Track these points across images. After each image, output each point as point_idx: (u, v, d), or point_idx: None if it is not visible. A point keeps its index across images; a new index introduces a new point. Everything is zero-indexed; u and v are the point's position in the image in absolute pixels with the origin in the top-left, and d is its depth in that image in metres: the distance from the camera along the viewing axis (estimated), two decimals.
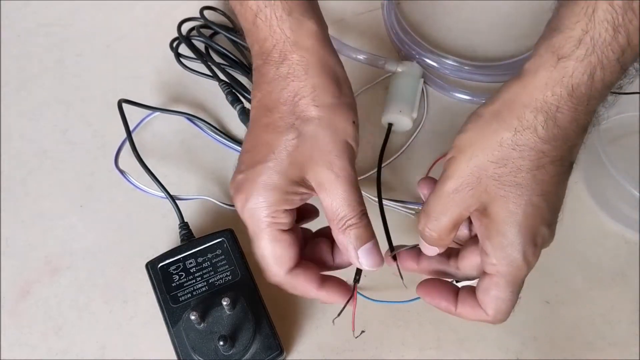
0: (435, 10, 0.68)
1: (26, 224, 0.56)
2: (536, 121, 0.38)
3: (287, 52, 0.41)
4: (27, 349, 0.51)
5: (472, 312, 0.43)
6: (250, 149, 0.42)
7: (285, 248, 0.41)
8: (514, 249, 0.39)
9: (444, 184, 0.41)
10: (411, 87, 0.60)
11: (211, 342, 0.46)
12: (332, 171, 0.40)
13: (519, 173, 0.39)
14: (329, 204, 0.41)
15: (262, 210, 0.41)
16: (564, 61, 0.37)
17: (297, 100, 0.40)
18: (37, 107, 0.62)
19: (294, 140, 0.40)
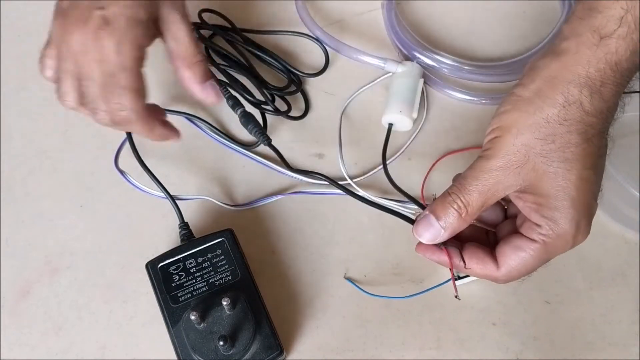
0: (435, 10, 0.68)
1: (26, 224, 0.56)
2: (582, 95, 0.39)
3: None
4: (27, 349, 0.51)
5: (479, 266, 0.44)
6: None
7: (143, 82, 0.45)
8: (568, 223, 0.40)
9: (488, 160, 0.41)
10: (411, 87, 0.59)
11: (211, 342, 0.46)
12: (177, 12, 0.45)
13: (567, 148, 0.39)
14: (174, 42, 0.46)
15: (131, 42, 0.43)
16: (607, 39, 0.38)
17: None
18: (37, 107, 0.62)
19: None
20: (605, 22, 0.39)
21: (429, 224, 0.44)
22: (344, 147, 0.58)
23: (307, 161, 0.59)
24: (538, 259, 0.43)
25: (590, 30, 0.39)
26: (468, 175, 0.42)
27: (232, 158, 0.59)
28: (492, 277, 0.44)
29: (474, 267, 0.44)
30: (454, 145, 0.59)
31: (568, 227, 0.41)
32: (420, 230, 0.44)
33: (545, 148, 0.40)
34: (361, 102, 0.62)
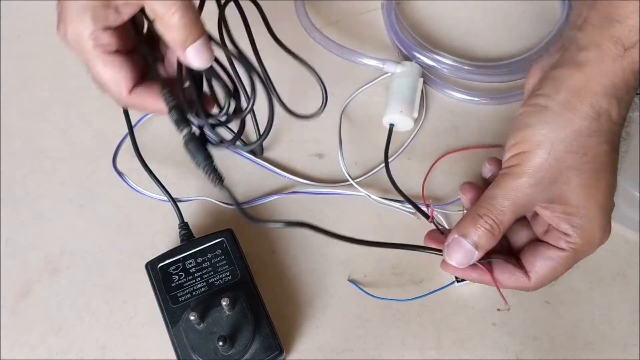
0: (435, 10, 0.68)
1: (26, 224, 0.56)
2: (610, 105, 0.39)
3: None
4: (27, 349, 0.51)
5: (510, 278, 0.44)
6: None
7: (119, 69, 0.41)
8: (597, 228, 0.41)
9: (518, 178, 0.41)
10: (411, 88, 0.59)
11: (211, 342, 0.46)
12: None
13: (598, 159, 0.40)
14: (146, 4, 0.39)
15: (82, 34, 0.40)
16: (630, 50, 0.39)
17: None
18: (37, 107, 0.62)
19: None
20: (627, 33, 0.39)
21: (461, 247, 0.43)
22: (344, 147, 0.58)
23: (307, 161, 0.59)
24: (566, 266, 0.43)
25: (611, 41, 0.39)
26: (498, 194, 0.41)
27: (231, 158, 0.59)
28: (524, 287, 0.44)
29: (507, 281, 0.44)
30: (453, 145, 0.59)
31: (597, 233, 0.41)
32: (452, 254, 0.43)
33: (577, 161, 0.40)
34: (361, 102, 0.62)
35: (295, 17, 0.65)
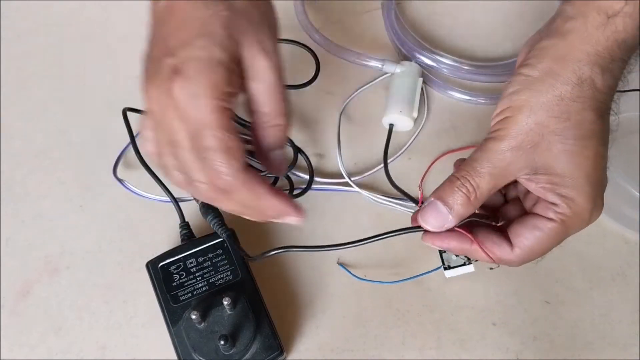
0: (435, 10, 0.68)
1: (26, 224, 0.56)
2: (593, 73, 0.39)
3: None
4: (27, 349, 0.51)
5: (493, 247, 0.43)
6: (174, 31, 0.37)
7: (237, 139, 0.36)
8: (586, 200, 0.40)
9: (500, 141, 0.40)
10: (411, 88, 0.60)
11: (211, 341, 0.46)
12: (265, 56, 0.37)
13: (583, 125, 0.39)
14: (256, 94, 0.38)
15: (209, 91, 0.35)
16: (614, 18, 0.38)
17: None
18: (37, 107, 0.62)
19: (225, 12, 0.37)
20: (611, 2, 0.38)
21: (436, 210, 0.42)
22: (344, 147, 0.58)
23: None
24: (555, 239, 0.41)
25: (596, 10, 0.39)
26: (478, 157, 0.41)
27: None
28: (506, 259, 0.43)
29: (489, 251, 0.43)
30: (453, 145, 0.59)
31: (586, 204, 0.40)
32: (426, 216, 0.42)
33: (559, 126, 0.39)
34: (360, 101, 0.62)
35: (295, 18, 0.65)
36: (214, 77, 0.35)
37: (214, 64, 0.35)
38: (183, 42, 0.36)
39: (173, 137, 0.37)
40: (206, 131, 0.36)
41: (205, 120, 0.35)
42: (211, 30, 0.36)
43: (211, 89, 0.35)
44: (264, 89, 0.38)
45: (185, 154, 0.37)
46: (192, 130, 0.36)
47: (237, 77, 0.37)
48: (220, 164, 0.36)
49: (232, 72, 0.36)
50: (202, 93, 0.35)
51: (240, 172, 0.37)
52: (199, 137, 0.36)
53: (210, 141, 0.36)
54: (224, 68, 0.36)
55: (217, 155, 0.36)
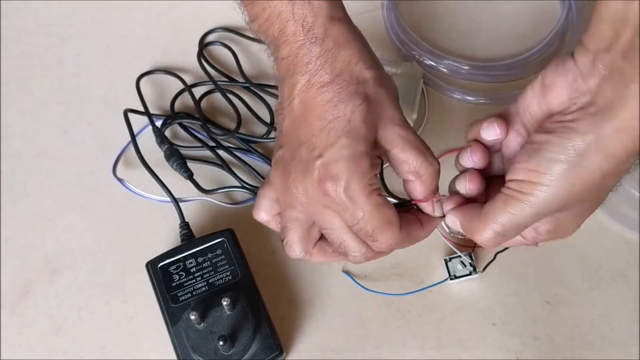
0: (435, 10, 0.68)
1: (26, 224, 0.56)
2: None
3: (328, 25, 0.41)
4: (27, 349, 0.51)
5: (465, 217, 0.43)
6: (318, 132, 0.40)
7: (390, 208, 0.41)
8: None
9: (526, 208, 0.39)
10: (411, 88, 0.59)
11: (211, 342, 0.46)
12: (398, 125, 0.41)
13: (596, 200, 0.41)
14: (402, 157, 0.41)
15: (361, 182, 0.39)
16: None
17: (352, 68, 0.41)
18: (37, 107, 0.62)
19: (363, 105, 0.40)
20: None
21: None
22: None
23: None
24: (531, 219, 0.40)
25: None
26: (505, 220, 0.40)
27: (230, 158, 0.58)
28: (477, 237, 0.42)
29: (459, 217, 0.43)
30: (453, 145, 0.59)
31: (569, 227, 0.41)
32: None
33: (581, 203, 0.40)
34: None
35: None
36: (361, 169, 0.39)
37: (358, 158, 0.39)
38: (329, 143, 0.39)
39: (321, 221, 0.41)
40: (366, 214, 0.40)
41: (362, 206, 0.39)
42: (353, 127, 0.39)
43: (360, 180, 0.39)
44: (405, 150, 0.41)
45: (339, 234, 0.41)
46: (349, 218, 0.40)
47: (377, 157, 0.41)
48: (385, 237, 0.41)
49: (374, 156, 0.40)
50: (355, 187, 0.39)
51: (400, 233, 0.41)
52: (357, 221, 0.40)
53: (372, 223, 0.40)
54: (367, 157, 0.39)
55: (380, 230, 0.40)
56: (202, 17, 0.66)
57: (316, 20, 0.41)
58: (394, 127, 0.41)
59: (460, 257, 0.52)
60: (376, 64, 0.42)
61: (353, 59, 0.41)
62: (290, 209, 0.42)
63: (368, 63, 0.41)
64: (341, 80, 0.40)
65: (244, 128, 0.60)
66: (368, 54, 0.42)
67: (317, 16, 0.41)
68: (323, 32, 0.41)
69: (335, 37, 0.41)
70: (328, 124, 0.40)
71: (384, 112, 0.41)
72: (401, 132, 0.41)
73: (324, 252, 0.44)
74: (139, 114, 0.59)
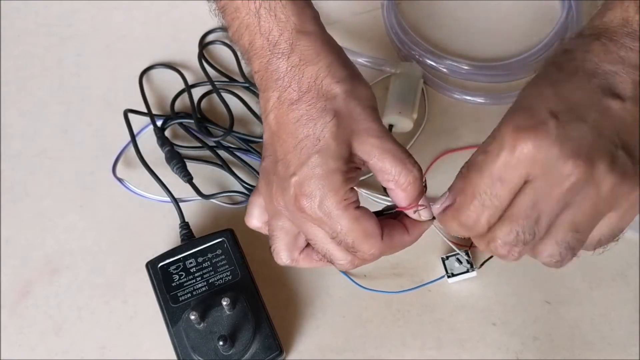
0: (435, 10, 0.68)
1: (26, 224, 0.56)
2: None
3: (294, 39, 0.41)
4: (27, 349, 0.51)
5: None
6: (292, 149, 0.41)
7: (369, 220, 0.41)
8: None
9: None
10: (411, 88, 0.59)
11: (211, 342, 0.46)
12: (374, 137, 0.41)
13: None
14: (380, 167, 0.41)
15: (334, 198, 0.40)
16: None
17: (319, 83, 0.41)
18: (37, 107, 0.62)
19: (333, 121, 0.40)
20: None
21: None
22: None
23: None
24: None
25: None
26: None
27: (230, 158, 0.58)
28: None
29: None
30: (453, 145, 0.59)
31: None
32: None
33: None
34: None
35: None
36: (334, 186, 0.39)
37: (330, 175, 0.39)
38: (301, 162, 0.40)
39: (329, 232, 0.41)
40: (344, 228, 0.40)
41: (338, 221, 0.40)
42: (323, 145, 0.40)
43: (334, 196, 0.39)
44: (383, 160, 0.41)
45: (326, 246, 0.42)
46: (329, 231, 0.41)
47: (353, 170, 0.41)
48: (367, 248, 0.41)
49: (348, 170, 0.40)
50: (329, 204, 0.39)
51: (382, 243, 0.41)
52: (337, 237, 0.40)
53: (351, 236, 0.40)
54: (339, 173, 0.40)
55: (360, 242, 0.40)
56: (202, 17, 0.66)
57: (282, 35, 0.41)
58: (368, 138, 0.40)
59: (457, 255, 0.52)
60: (348, 75, 0.41)
61: (321, 74, 0.41)
62: (276, 218, 0.43)
63: (337, 76, 0.41)
64: (309, 97, 0.40)
65: (244, 128, 0.60)
66: (339, 67, 0.41)
67: (284, 30, 0.41)
68: (289, 47, 0.41)
69: (301, 52, 0.41)
70: (299, 143, 0.40)
71: (357, 125, 0.40)
72: (377, 142, 0.40)
73: (310, 259, 0.45)
74: (139, 114, 0.59)
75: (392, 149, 0.41)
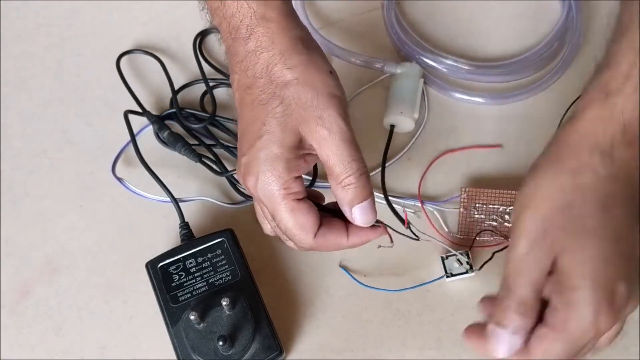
0: (435, 10, 0.68)
1: (26, 224, 0.56)
2: (593, 161, 0.35)
3: (254, 26, 0.41)
4: (27, 349, 0.51)
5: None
6: (244, 130, 0.42)
7: (306, 215, 0.42)
8: (586, 306, 0.34)
9: (515, 247, 0.37)
10: (411, 88, 0.59)
11: (211, 342, 0.46)
12: (323, 127, 0.40)
13: (586, 219, 0.35)
14: (325, 161, 0.41)
15: (274, 184, 0.41)
16: (613, 98, 0.36)
17: (271, 69, 0.41)
18: (37, 107, 0.62)
19: (279, 107, 0.41)
20: (611, 79, 0.36)
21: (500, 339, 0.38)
22: None
23: None
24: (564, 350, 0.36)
25: (597, 88, 0.36)
26: (507, 272, 0.38)
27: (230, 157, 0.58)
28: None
29: None
30: (453, 145, 0.59)
31: (587, 313, 0.34)
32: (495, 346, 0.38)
33: (563, 221, 0.36)
34: (361, 102, 0.62)
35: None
36: (276, 172, 0.41)
37: (272, 161, 0.40)
38: (249, 144, 0.42)
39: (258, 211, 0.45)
40: (278, 215, 0.42)
41: (275, 206, 0.41)
42: (268, 129, 0.41)
43: (275, 182, 0.41)
44: (328, 155, 0.41)
45: (270, 222, 0.44)
46: (270, 210, 0.42)
47: (300, 160, 0.42)
48: (297, 239, 0.43)
49: (293, 159, 0.41)
50: (269, 188, 0.41)
51: (314, 239, 0.42)
52: (274, 216, 0.42)
53: (284, 224, 0.42)
54: (282, 160, 0.41)
55: (292, 233, 0.42)
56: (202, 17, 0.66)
57: (243, 21, 0.42)
58: (316, 127, 0.40)
59: (456, 255, 0.52)
60: (302, 62, 0.41)
61: (274, 60, 0.41)
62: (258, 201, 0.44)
63: (290, 63, 0.41)
64: (261, 83, 0.41)
65: None
66: (293, 54, 0.41)
67: (244, 17, 0.42)
68: (247, 33, 0.42)
69: (258, 38, 0.41)
70: (249, 125, 0.42)
71: (307, 113, 0.41)
72: (325, 134, 0.40)
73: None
74: (139, 115, 0.59)
75: (339, 145, 0.41)
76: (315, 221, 0.42)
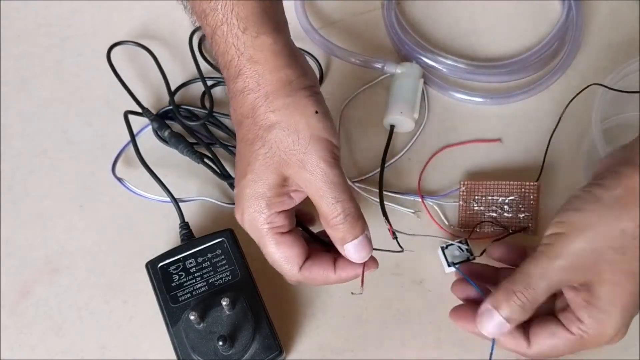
0: (435, 10, 0.68)
1: (26, 224, 0.56)
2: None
3: (242, 67, 0.42)
4: (27, 349, 0.51)
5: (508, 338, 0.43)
6: (236, 164, 0.45)
7: (290, 247, 0.43)
8: (612, 326, 0.41)
9: (554, 260, 0.41)
10: (411, 88, 0.59)
11: (210, 342, 0.46)
12: (305, 170, 0.41)
13: (634, 262, 0.39)
14: (312, 200, 0.42)
15: (258, 219, 0.43)
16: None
17: (256, 112, 0.42)
18: (37, 107, 0.62)
19: (261, 149, 0.42)
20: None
21: (493, 318, 0.43)
22: (344, 148, 0.58)
23: None
24: (570, 349, 0.42)
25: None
26: (533, 273, 0.41)
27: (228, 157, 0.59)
28: (522, 352, 0.44)
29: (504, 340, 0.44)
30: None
31: (610, 331, 0.41)
32: (484, 323, 0.43)
33: (615, 258, 0.39)
34: (361, 102, 0.62)
35: (295, 18, 0.65)
36: (258, 208, 0.42)
37: (256, 198, 0.42)
38: (237, 179, 0.44)
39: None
40: (264, 248, 0.44)
41: (260, 239, 0.44)
42: (252, 169, 0.42)
43: (257, 217, 0.42)
44: (313, 196, 0.42)
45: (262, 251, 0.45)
46: (257, 243, 0.44)
47: (284, 197, 0.43)
48: (284, 271, 0.44)
49: (276, 196, 0.42)
50: (254, 223, 0.43)
51: (300, 272, 0.44)
52: (262, 249, 0.44)
53: (270, 257, 0.44)
54: (265, 199, 0.42)
55: (278, 265, 0.44)
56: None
57: (231, 61, 0.43)
58: (299, 171, 0.41)
59: (454, 244, 0.52)
60: (284, 105, 0.41)
61: (258, 102, 0.42)
62: None
63: (273, 106, 0.41)
64: (248, 122, 0.42)
65: None
66: (277, 97, 0.41)
67: (233, 57, 0.42)
68: (235, 73, 0.42)
69: (245, 79, 0.42)
70: (239, 162, 0.44)
71: (289, 156, 0.41)
72: (308, 177, 0.41)
73: None
74: (138, 115, 0.59)
75: (322, 187, 0.41)
76: (300, 253, 0.44)
